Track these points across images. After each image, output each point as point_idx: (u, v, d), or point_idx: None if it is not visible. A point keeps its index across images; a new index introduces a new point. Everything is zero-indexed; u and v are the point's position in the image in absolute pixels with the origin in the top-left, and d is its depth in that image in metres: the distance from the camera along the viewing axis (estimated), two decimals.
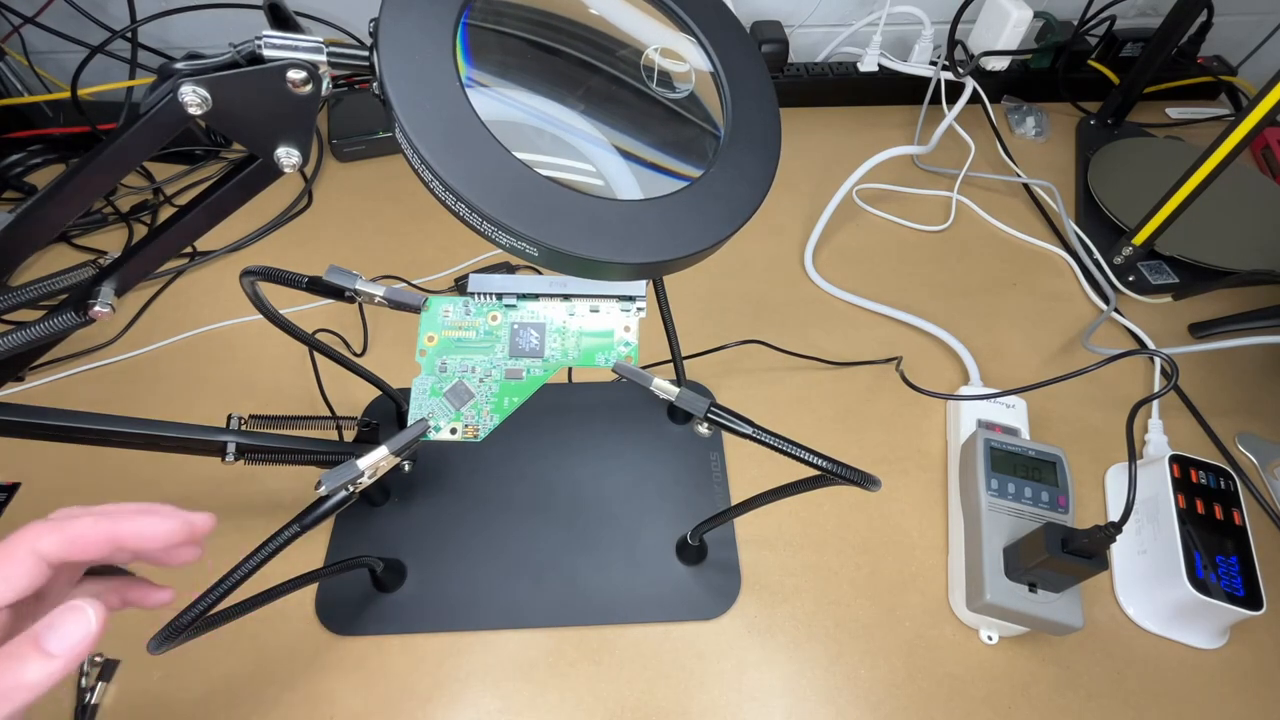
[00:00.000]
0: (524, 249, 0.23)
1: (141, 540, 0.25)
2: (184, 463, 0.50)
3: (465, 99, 0.23)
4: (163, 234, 0.28)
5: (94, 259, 0.30)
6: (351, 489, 0.28)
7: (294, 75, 0.24)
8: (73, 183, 0.25)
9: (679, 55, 0.29)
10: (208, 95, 0.23)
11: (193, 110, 0.23)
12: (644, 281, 0.32)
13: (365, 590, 0.44)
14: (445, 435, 0.29)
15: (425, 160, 0.22)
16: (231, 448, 0.36)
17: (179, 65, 0.23)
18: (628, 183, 0.26)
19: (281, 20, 0.24)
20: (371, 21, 0.24)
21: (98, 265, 0.30)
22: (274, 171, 0.26)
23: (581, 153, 0.26)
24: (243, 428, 0.38)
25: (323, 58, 0.24)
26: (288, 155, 0.26)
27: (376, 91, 0.23)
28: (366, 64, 0.24)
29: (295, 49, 0.24)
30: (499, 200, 0.23)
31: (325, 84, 0.25)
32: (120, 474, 0.49)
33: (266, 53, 0.23)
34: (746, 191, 0.27)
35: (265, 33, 0.24)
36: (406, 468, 0.48)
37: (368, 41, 0.24)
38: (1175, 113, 0.80)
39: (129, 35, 0.66)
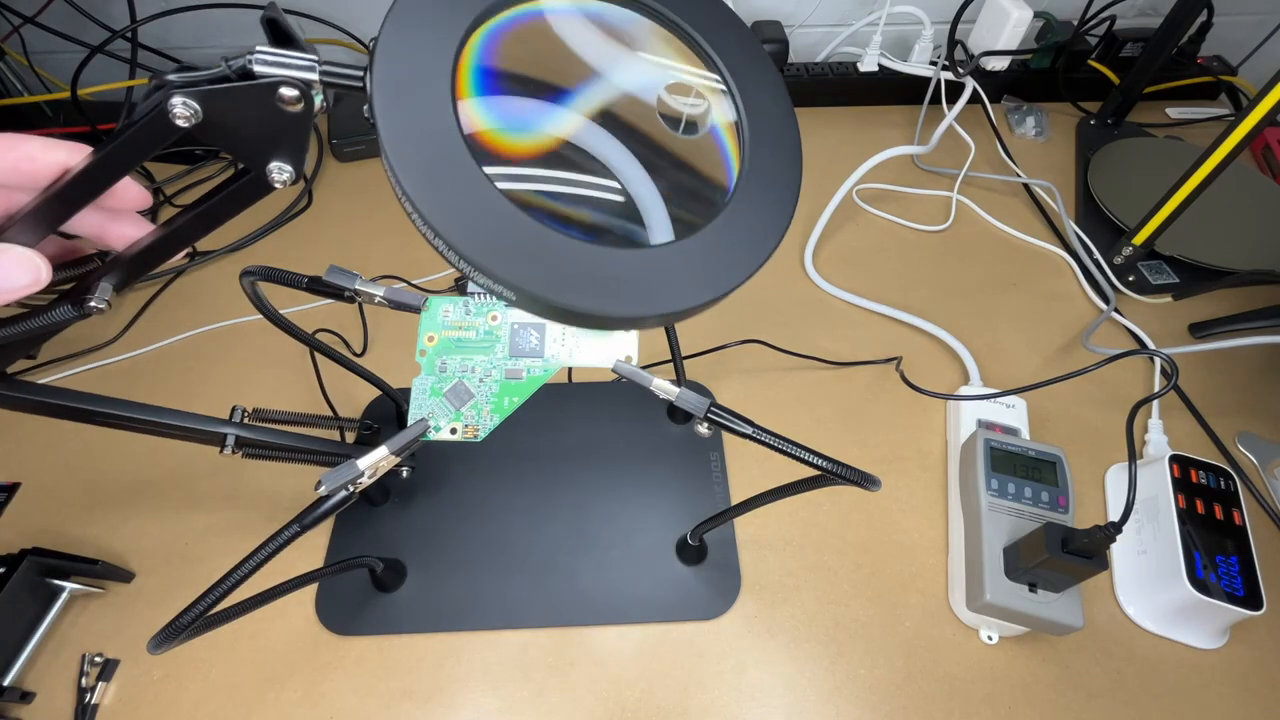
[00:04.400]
0: (501, 292, 0.24)
1: (32, 161, 0.24)
2: (185, 464, 0.50)
3: (460, 138, 0.23)
4: (155, 241, 0.28)
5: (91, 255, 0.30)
6: (351, 489, 0.28)
7: (286, 93, 0.23)
8: (66, 188, 0.25)
9: (694, 93, 0.29)
10: (198, 108, 0.23)
11: (181, 123, 0.23)
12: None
13: (365, 590, 0.44)
14: (445, 435, 0.29)
15: (407, 193, 0.22)
16: (231, 440, 0.36)
17: (171, 76, 0.23)
18: (634, 230, 0.26)
19: (279, 35, 0.24)
20: (371, 41, 0.23)
21: (100, 261, 0.30)
22: (266, 186, 0.26)
23: (581, 197, 0.26)
24: (246, 421, 0.38)
25: (315, 76, 0.24)
26: (279, 170, 0.25)
27: (367, 115, 0.23)
28: (360, 85, 0.24)
29: (287, 66, 0.23)
30: (479, 243, 0.23)
31: (319, 102, 0.24)
32: (120, 475, 0.49)
33: (257, 69, 0.23)
34: (746, 253, 0.27)
35: (258, 48, 0.23)
36: (405, 473, 0.48)
37: (368, 43, 0.24)
38: (1175, 113, 0.80)
39: (129, 35, 0.66)
